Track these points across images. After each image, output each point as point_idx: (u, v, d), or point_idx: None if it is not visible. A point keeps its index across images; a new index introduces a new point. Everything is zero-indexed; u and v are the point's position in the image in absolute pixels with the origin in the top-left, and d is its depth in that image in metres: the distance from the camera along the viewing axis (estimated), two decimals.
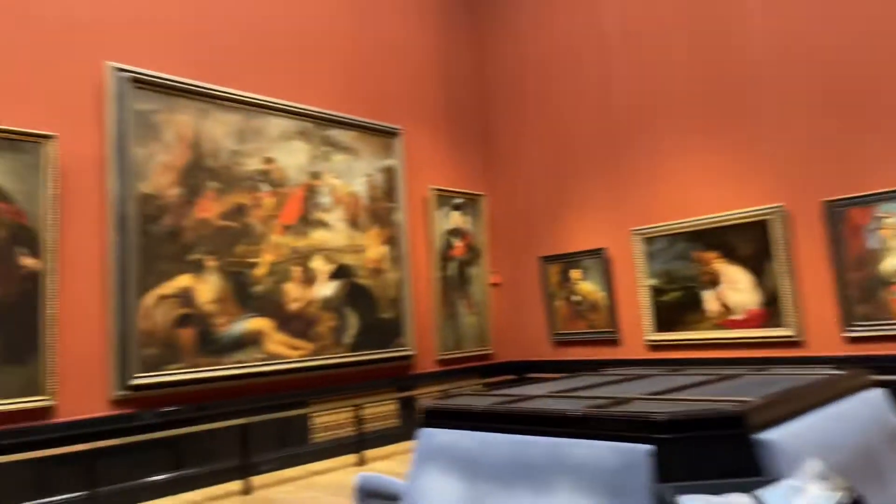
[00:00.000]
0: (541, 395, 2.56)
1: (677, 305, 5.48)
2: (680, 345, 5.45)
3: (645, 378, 3.05)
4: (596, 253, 6.04)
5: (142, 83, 4.46)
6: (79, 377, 4.04)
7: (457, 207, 6.58)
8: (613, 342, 5.93)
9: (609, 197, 6.04)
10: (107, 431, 4.08)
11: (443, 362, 6.22)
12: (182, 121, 4.65)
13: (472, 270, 6.63)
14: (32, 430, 3.83)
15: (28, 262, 3.87)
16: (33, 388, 3.82)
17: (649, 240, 5.68)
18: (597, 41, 6.18)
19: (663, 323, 5.58)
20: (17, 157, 3.90)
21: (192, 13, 4.89)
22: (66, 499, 3.88)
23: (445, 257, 6.39)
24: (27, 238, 3.88)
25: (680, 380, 2.82)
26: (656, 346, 5.63)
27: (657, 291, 5.62)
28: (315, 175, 5.43)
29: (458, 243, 6.53)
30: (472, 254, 6.66)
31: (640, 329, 5.74)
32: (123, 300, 4.24)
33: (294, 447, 5.05)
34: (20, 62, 4.03)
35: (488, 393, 2.92)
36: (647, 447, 1.77)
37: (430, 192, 6.31)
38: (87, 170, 4.23)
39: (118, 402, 4.20)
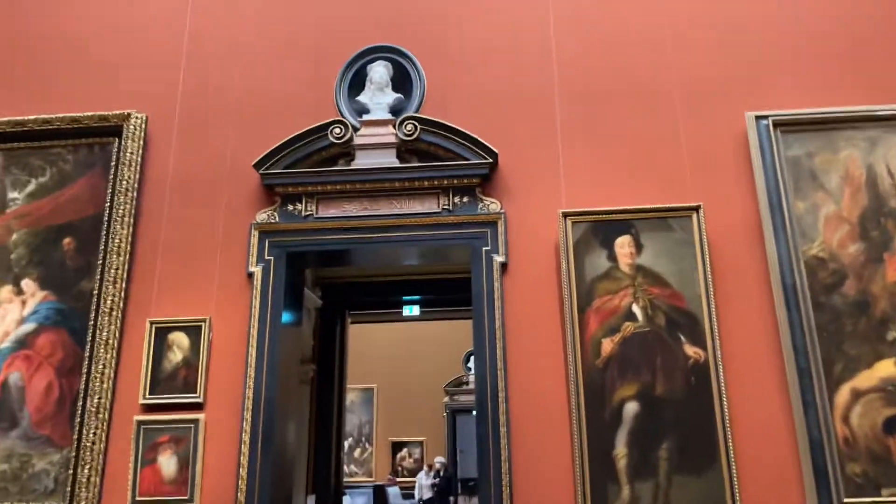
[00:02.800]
0: None
1: None
2: None
3: None
4: None
5: (788, 125, 3.64)
6: (769, 494, 3.17)
7: None
8: None
9: None
10: None
11: None
12: (847, 158, 3.57)
13: None
14: None
15: (692, 351, 3.35)
16: None
17: None
18: None
19: None
20: (666, 236, 3.55)
21: (822, 29, 3.88)
22: None
23: None
24: (687, 324, 3.40)
25: None
26: None
27: None
28: None
29: None
30: None
31: None
32: (807, 396, 3.25)
33: None
34: (659, 138, 3.80)
35: None
36: None
37: None
38: (737, 239, 3.57)
39: None
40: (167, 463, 3.47)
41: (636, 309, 3.45)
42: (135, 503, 3.43)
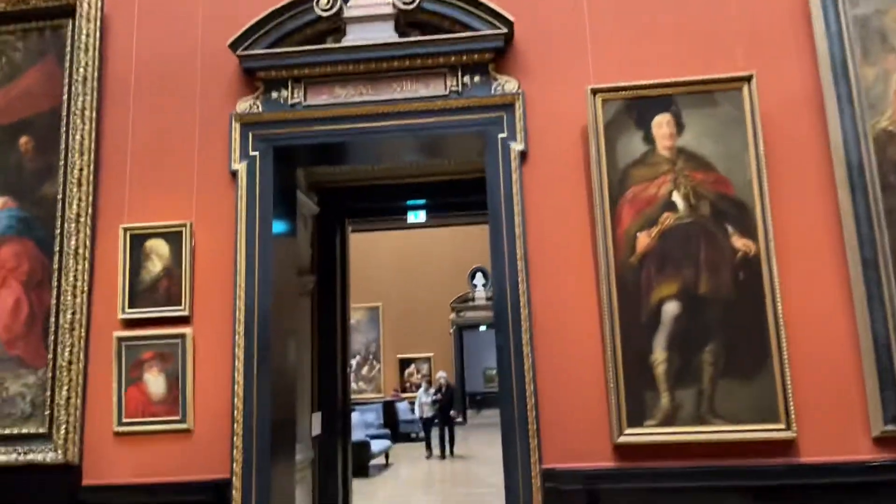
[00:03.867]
0: None
1: None
2: None
3: None
4: None
5: None
6: (825, 401, 2.84)
7: None
8: None
9: None
10: (866, 484, 2.75)
11: None
12: None
13: None
14: (766, 470, 2.81)
15: (741, 244, 2.93)
16: (767, 413, 2.81)
17: None
18: None
19: None
20: (711, 113, 3.06)
21: None
22: None
23: None
24: (736, 213, 2.96)
25: None
26: None
27: None
28: None
29: None
30: None
31: None
32: (871, 290, 2.85)
33: None
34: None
35: None
36: None
37: None
38: (794, 114, 3.08)
39: (882, 442, 2.80)
40: (154, 381, 3.14)
41: (677, 197, 3.00)
42: (122, 424, 3.12)
